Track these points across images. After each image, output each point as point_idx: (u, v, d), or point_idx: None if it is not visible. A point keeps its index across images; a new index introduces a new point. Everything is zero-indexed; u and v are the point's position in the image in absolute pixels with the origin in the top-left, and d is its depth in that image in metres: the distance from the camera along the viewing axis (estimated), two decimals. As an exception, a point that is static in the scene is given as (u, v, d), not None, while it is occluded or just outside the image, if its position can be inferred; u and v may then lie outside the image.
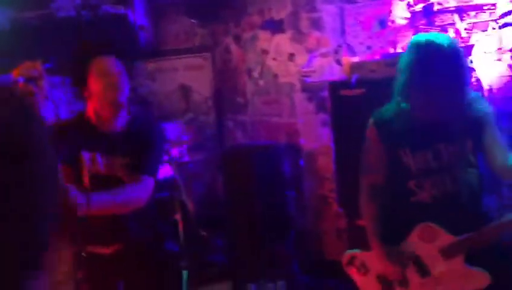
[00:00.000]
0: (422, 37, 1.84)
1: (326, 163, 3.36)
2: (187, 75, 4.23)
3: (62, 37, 3.53)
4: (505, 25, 2.80)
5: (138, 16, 3.81)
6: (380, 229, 1.96)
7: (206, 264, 3.51)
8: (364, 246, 2.07)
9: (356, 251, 2.08)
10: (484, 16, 2.83)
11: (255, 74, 3.67)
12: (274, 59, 3.53)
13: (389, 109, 1.91)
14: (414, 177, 1.87)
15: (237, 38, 3.84)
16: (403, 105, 1.84)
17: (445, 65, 1.74)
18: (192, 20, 4.08)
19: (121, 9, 3.61)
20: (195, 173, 4.07)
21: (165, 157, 3.57)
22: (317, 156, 3.46)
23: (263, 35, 3.54)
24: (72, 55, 2.07)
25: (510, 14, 2.79)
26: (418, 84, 1.78)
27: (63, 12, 3.63)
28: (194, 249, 3.48)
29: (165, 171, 3.78)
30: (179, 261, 3.26)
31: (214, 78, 4.15)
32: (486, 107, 1.88)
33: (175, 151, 4.02)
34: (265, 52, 3.54)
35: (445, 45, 1.77)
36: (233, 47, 3.88)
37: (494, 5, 2.81)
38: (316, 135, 3.43)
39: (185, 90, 4.26)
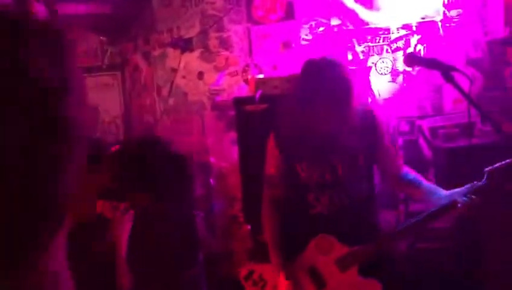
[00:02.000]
0: (313, 58, 1.91)
1: (236, 182, 3.34)
2: (95, 95, 4.08)
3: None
4: (397, 49, 3.00)
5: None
6: (281, 242, 1.96)
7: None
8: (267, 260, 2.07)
9: (254, 265, 2.06)
10: (379, 40, 3.02)
11: (164, 93, 3.62)
12: (183, 77, 3.51)
13: (287, 123, 1.93)
14: (312, 190, 1.90)
15: (146, 56, 3.78)
16: (300, 119, 1.88)
17: (334, 81, 1.79)
18: (101, 38, 3.96)
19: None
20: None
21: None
22: (227, 175, 3.44)
23: (172, 53, 3.51)
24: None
25: (402, 39, 3.00)
26: (309, 100, 1.82)
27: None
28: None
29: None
30: None
31: (123, 97, 4.03)
32: (379, 121, 1.97)
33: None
34: (174, 70, 3.50)
35: (332, 64, 1.83)
36: (143, 65, 3.81)
37: (388, 30, 3.01)
38: (225, 154, 3.42)
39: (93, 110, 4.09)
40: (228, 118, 3.34)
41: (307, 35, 3.10)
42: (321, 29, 3.08)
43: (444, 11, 2.93)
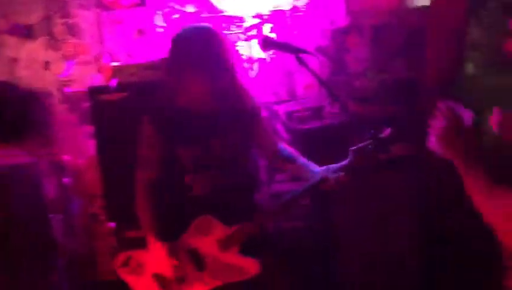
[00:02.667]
0: (180, 30, 1.84)
1: (95, 178, 3.14)
2: None
3: None
4: (252, 37, 3.09)
5: None
6: (158, 226, 1.90)
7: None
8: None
9: (132, 251, 1.98)
10: (234, 29, 3.08)
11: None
12: (26, 68, 3.16)
13: (162, 105, 1.87)
14: (190, 171, 1.86)
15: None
16: (176, 99, 1.82)
17: (204, 53, 1.73)
18: None
19: None
20: None
21: None
22: (84, 172, 3.21)
23: (11, 41, 3.14)
24: None
25: (255, 28, 3.10)
26: (180, 77, 1.77)
27: None
28: None
29: None
30: None
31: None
32: (255, 99, 1.99)
33: None
34: (14, 60, 3.14)
35: (202, 32, 1.78)
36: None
37: (241, 19, 3.08)
38: (81, 149, 3.18)
39: None
40: (81, 111, 3.11)
41: (161, 22, 3.02)
42: (176, 16, 3.03)
43: (292, 1, 3.09)
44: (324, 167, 1.91)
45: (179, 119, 1.85)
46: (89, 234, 3.28)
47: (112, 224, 2.67)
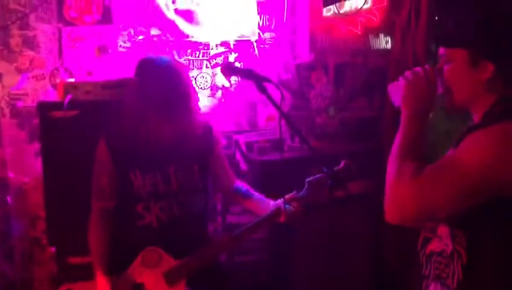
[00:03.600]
0: (150, 57, 1.88)
1: (40, 200, 2.96)
2: None
3: None
4: (217, 64, 3.07)
5: None
6: (107, 258, 1.82)
7: None
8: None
9: (74, 284, 1.87)
10: (199, 55, 3.05)
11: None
12: (-25, 78, 3.00)
13: (119, 130, 1.82)
14: (143, 200, 1.80)
15: None
16: (135, 125, 1.77)
17: (172, 84, 1.76)
18: None
19: None
20: None
21: None
22: (29, 192, 3.04)
23: (-39, 49, 2.98)
24: None
25: (220, 56, 3.08)
26: (146, 103, 1.75)
27: None
28: None
29: None
30: None
31: None
32: (214, 131, 1.96)
33: None
34: (-37, 69, 2.98)
35: (171, 63, 1.81)
36: None
37: (208, 45, 3.06)
38: (28, 168, 3.02)
39: None
40: (31, 127, 2.96)
41: (125, 42, 2.95)
42: (140, 37, 2.97)
43: (259, 33, 3.10)
44: (279, 200, 1.88)
45: (135, 146, 1.80)
46: (28, 258, 3.08)
47: (53, 249, 2.51)
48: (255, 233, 1.88)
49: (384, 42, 3.21)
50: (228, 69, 1.80)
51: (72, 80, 2.53)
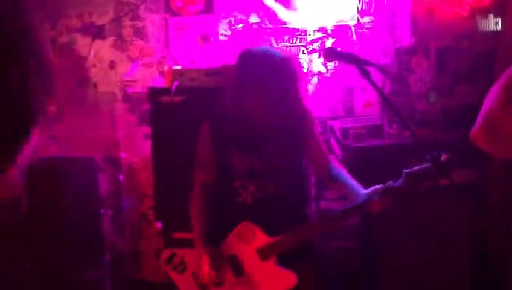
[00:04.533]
0: (255, 47, 1.97)
1: (148, 178, 3.21)
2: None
3: None
4: (313, 50, 3.08)
5: None
6: (206, 229, 1.94)
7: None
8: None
9: (177, 249, 2.03)
10: (296, 41, 3.08)
11: (72, 82, 3.38)
12: (93, 66, 3.30)
13: (221, 110, 1.93)
14: (240, 178, 1.89)
15: (52, 43, 3.50)
16: (235, 107, 1.87)
17: (272, 72, 1.82)
18: (1, 19, 3.61)
19: None
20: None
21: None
22: (139, 171, 3.30)
23: (82, 40, 3.29)
24: None
25: (317, 41, 3.08)
26: (248, 88, 1.83)
27: None
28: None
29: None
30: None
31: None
32: (310, 113, 2.00)
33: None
34: (83, 58, 3.29)
35: (276, 53, 1.87)
36: (47, 51, 3.53)
37: (304, 31, 3.07)
38: (137, 149, 3.27)
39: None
40: (141, 111, 3.20)
41: (225, 30, 3.07)
42: (240, 26, 3.07)
43: (357, 17, 3.05)
44: (371, 189, 1.86)
45: (234, 127, 1.89)
46: (136, 232, 3.35)
47: (159, 224, 2.71)
48: (344, 221, 1.88)
49: (494, 24, 2.99)
50: (330, 54, 1.80)
51: (178, 67, 2.69)
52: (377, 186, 1.83)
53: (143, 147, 3.20)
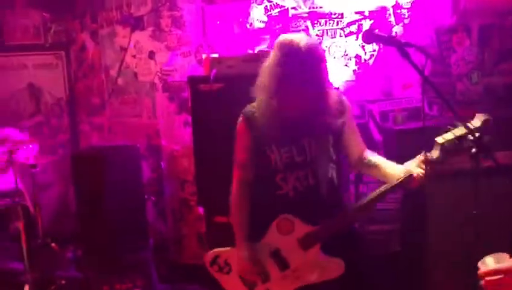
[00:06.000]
0: (286, 36, 1.91)
1: (188, 165, 3.28)
2: (37, 74, 3.86)
3: None
4: (351, 33, 3.04)
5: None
6: (247, 225, 1.94)
7: (56, 278, 3.18)
8: (223, 244, 2.03)
9: (220, 249, 2.03)
10: (333, 24, 3.04)
11: (113, 73, 3.48)
12: (133, 57, 3.38)
13: (257, 105, 1.92)
14: (280, 172, 1.89)
15: (94, 35, 3.61)
16: (270, 101, 1.85)
17: (306, 62, 1.80)
18: (44, 14, 3.75)
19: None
20: (46, 183, 3.69)
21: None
22: (179, 158, 3.38)
23: (122, 31, 3.38)
24: None
25: (355, 24, 3.04)
26: (282, 80, 1.81)
27: None
28: (39, 262, 3.13)
29: (8, 178, 3.37)
30: (20, 276, 2.88)
31: (67, 77, 3.84)
32: (347, 103, 1.98)
33: (21, 156, 3.61)
34: (124, 49, 3.37)
35: (307, 43, 1.83)
36: (90, 44, 3.64)
37: (341, 14, 3.04)
38: (177, 136, 3.35)
39: (34, 91, 3.88)
40: (180, 100, 3.26)
41: (261, 16, 3.07)
42: (276, 10, 3.06)
43: (395, -2, 2.98)
44: (407, 163, 1.82)
45: (271, 121, 1.88)
46: (178, 217, 3.44)
47: (201, 209, 2.77)
48: (383, 201, 1.85)
49: (540, -2, 2.87)
50: (370, 36, 1.76)
51: (216, 55, 2.72)
52: (414, 159, 1.80)
53: (183, 134, 3.27)
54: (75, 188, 3.21)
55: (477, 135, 1.63)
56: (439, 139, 1.73)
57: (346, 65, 3.08)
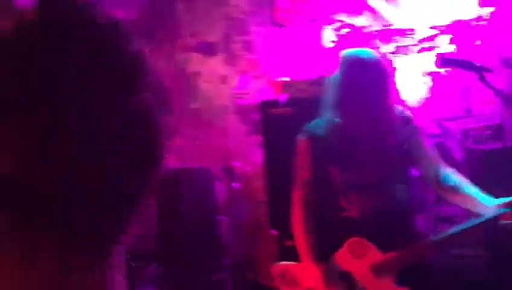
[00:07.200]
0: (350, 52, 1.88)
1: (261, 186, 3.31)
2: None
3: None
4: (425, 49, 2.94)
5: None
6: (313, 246, 1.92)
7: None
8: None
9: (289, 263, 2.03)
10: (405, 41, 2.96)
11: (187, 96, 3.61)
12: (206, 81, 3.50)
13: (319, 124, 1.90)
14: (344, 192, 1.86)
15: (169, 60, 3.78)
16: (334, 120, 1.84)
17: (372, 79, 1.78)
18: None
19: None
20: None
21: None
22: (252, 179, 3.42)
23: (195, 57, 3.51)
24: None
25: (430, 40, 2.94)
26: (347, 98, 1.79)
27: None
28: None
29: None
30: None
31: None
32: (413, 122, 1.92)
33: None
34: (197, 74, 3.50)
35: (372, 59, 1.81)
36: (166, 69, 3.82)
37: (413, 30, 2.95)
38: (250, 158, 3.40)
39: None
40: (252, 122, 3.31)
41: (331, 36, 3.06)
42: (346, 30, 3.04)
43: (475, 10, 2.85)
44: (498, 201, 1.70)
45: (335, 141, 1.84)
46: (252, 238, 3.47)
47: (275, 232, 2.78)
48: (469, 236, 1.75)
49: None
50: (444, 62, 1.71)
51: (287, 78, 2.75)
52: (509, 199, 1.67)
53: (255, 156, 3.31)
54: (155, 208, 3.35)
55: None
56: None
57: (421, 82, 2.97)
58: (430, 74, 2.96)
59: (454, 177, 1.90)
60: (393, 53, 2.99)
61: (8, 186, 0.44)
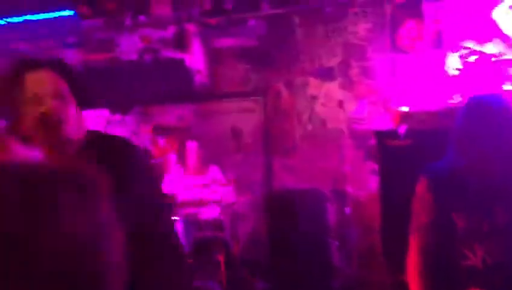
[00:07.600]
0: (476, 96, 1.84)
1: (373, 212, 3.29)
2: (239, 118, 4.35)
3: (125, 78, 3.82)
4: None
5: (195, 61, 4.01)
6: None
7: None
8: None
9: None
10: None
11: (304, 119, 3.72)
12: (323, 105, 3.57)
13: (443, 167, 1.83)
14: (467, 240, 1.77)
15: (288, 84, 3.93)
16: (460, 163, 1.77)
17: (496, 125, 1.71)
18: (247, 66, 4.23)
19: (178, 54, 3.84)
20: (241, 214, 4.10)
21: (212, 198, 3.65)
22: (364, 205, 3.40)
23: (313, 81, 3.61)
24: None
25: None
26: (467, 142, 1.74)
27: (126, 56, 3.90)
28: (234, 290, 3.47)
29: (211, 211, 3.86)
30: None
31: (264, 121, 4.23)
32: None
33: (221, 192, 4.11)
34: (314, 98, 3.59)
35: (498, 103, 1.75)
36: (284, 92, 3.97)
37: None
38: (363, 183, 3.39)
39: (236, 132, 4.37)
40: (367, 147, 3.31)
41: (456, 64, 2.95)
42: (473, 58, 2.91)
43: None
44: None
45: (461, 184, 1.75)
46: (363, 264, 3.45)
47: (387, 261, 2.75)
48: None
49: None
50: None
51: (406, 108, 2.71)
52: None
53: (369, 181, 3.30)
54: (268, 224, 3.49)
55: None
56: None
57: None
58: None
59: None
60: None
61: None
